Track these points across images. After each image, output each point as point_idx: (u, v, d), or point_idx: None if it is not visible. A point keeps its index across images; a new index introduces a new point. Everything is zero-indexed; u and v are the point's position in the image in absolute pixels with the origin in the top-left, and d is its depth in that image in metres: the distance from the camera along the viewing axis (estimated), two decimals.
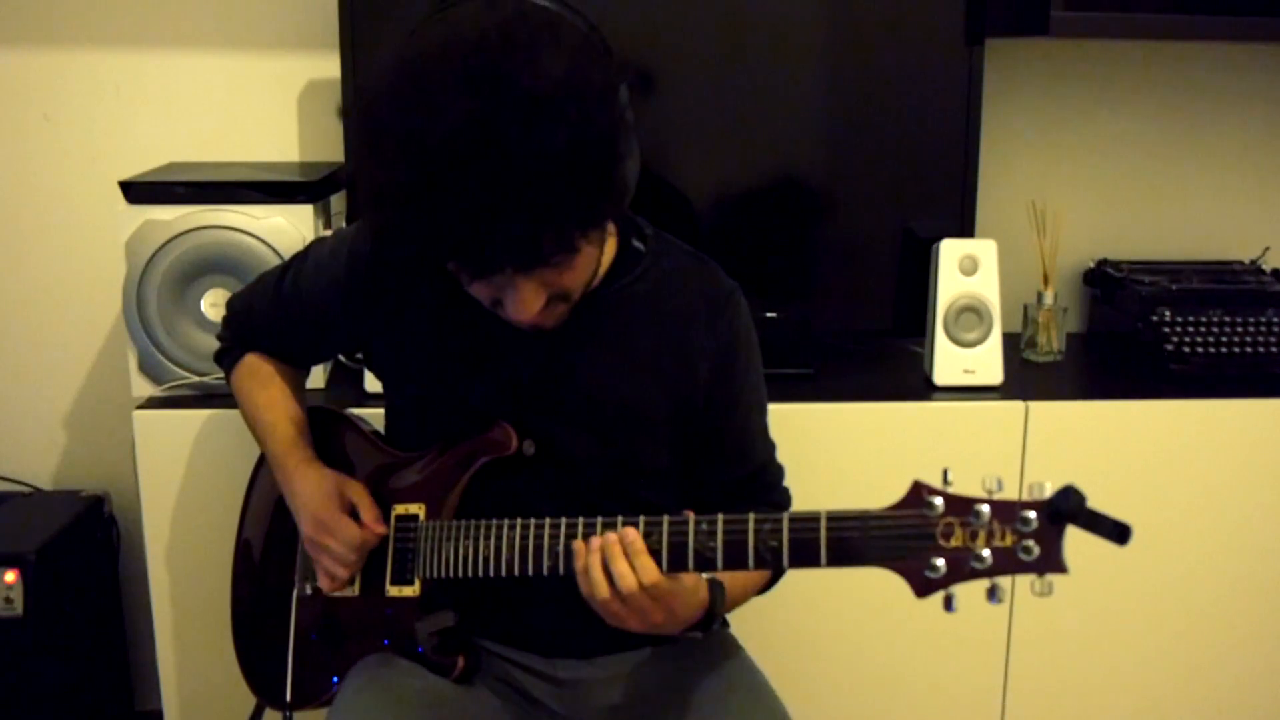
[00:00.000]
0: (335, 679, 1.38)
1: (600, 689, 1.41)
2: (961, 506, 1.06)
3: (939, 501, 1.06)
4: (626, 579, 1.14)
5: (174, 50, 2.10)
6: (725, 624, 1.49)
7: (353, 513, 1.35)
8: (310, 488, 1.37)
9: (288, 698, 1.44)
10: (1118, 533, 1.00)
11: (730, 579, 1.29)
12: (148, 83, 2.11)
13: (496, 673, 1.42)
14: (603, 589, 1.15)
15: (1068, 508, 1.01)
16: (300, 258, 1.46)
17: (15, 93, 2.10)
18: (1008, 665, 1.93)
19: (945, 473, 1.07)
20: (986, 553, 1.04)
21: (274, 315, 1.47)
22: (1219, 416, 1.88)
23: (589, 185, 1.08)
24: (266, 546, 1.52)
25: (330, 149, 2.12)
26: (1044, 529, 1.03)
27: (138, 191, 1.80)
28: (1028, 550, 1.03)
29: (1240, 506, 1.91)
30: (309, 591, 1.42)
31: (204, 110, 2.12)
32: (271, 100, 2.12)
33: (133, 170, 1.90)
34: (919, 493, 1.07)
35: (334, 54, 1.87)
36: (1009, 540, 1.04)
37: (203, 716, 1.87)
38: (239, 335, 1.52)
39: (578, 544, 1.17)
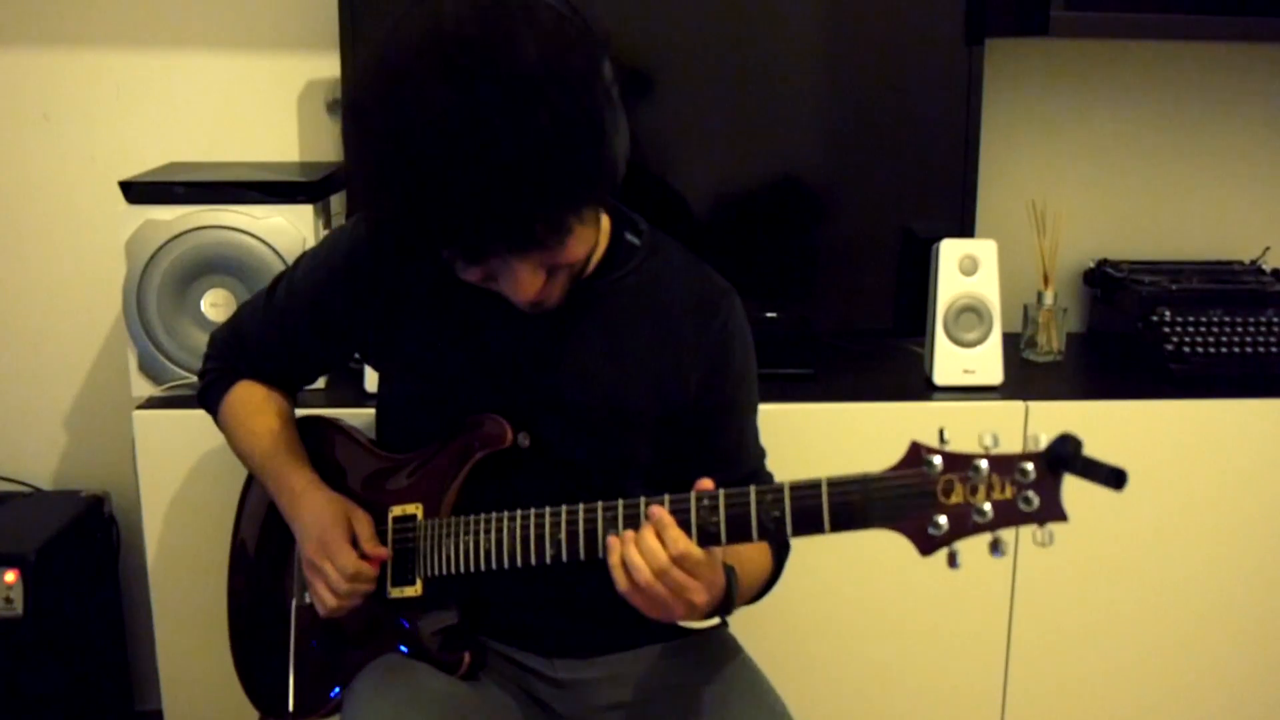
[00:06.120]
0: (337, 688, 1.38)
1: (600, 689, 1.40)
2: (960, 463, 1.07)
3: (937, 459, 1.07)
4: (658, 554, 1.13)
5: (174, 50, 2.10)
6: (725, 624, 1.49)
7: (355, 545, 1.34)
8: (317, 510, 1.35)
9: (290, 708, 1.43)
10: (1114, 478, 1.00)
11: (738, 564, 1.28)
12: (148, 83, 2.11)
13: (501, 671, 1.42)
14: (643, 572, 1.14)
15: (1064, 453, 1.02)
16: (289, 270, 1.46)
17: (15, 93, 2.10)
18: (1008, 664, 1.93)
19: (941, 431, 1.08)
20: (987, 506, 1.05)
21: (266, 330, 1.45)
22: (1219, 416, 1.88)
23: (576, 165, 1.09)
24: (261, 554, 1.52)
25: (330, 149, 2.12)
26: (1042, 478, 1.04)
27: (138, 191, 1.80)
28: (1028, 501, 1.04)
29: (1240, 506, 1.91)
30: (307, 601, 1.41)
31: (204, 110, 2.12)
32: (271, 100, 2.12)
33: (133, 170, 1.90)
34: (917, 452, 1.08)
35: (334, 54, 1.87)
36: (1009, 493, 1.05)
37: (203, 716, 1.87)
38: (226, 363, 1.49)
39: (611, 539, 1.17)
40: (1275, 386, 1.92)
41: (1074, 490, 1.99)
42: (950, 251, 1.88)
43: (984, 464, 1.05)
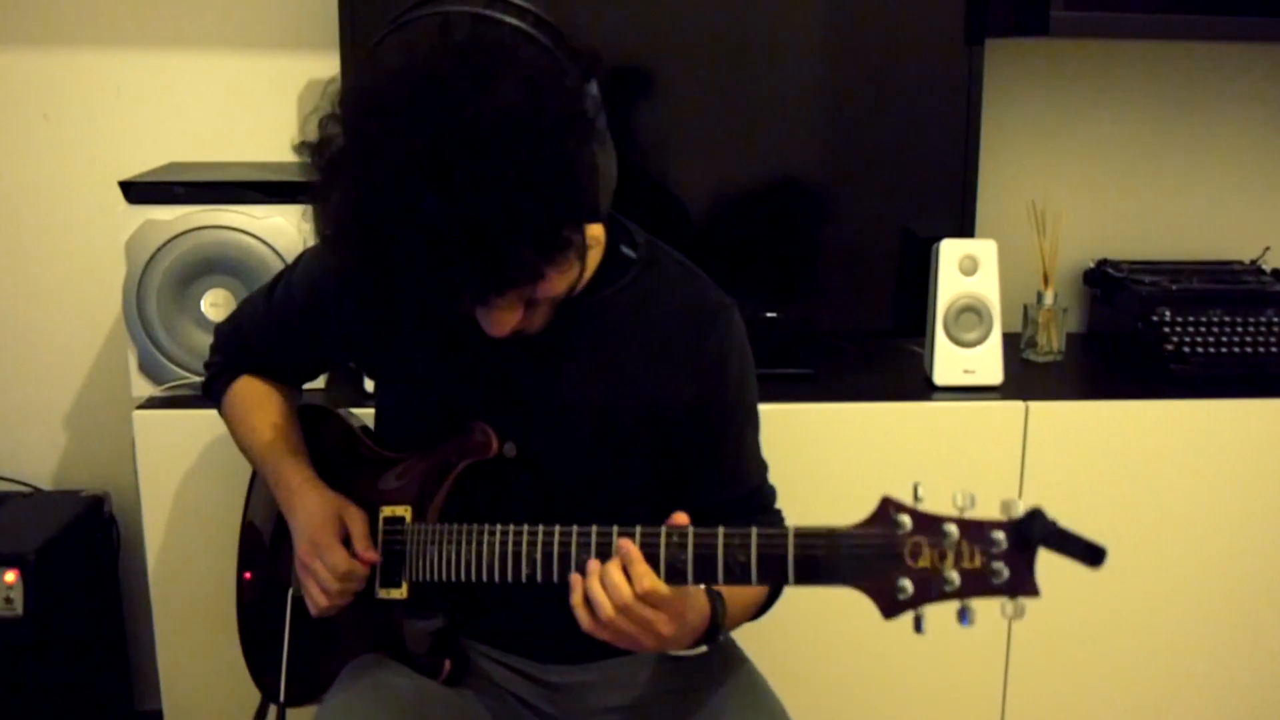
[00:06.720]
0: (330, 678, 1.38)
1: (594, 693, 1.40)
2: (929, 525, 1.02)
3: (906, 519, 1.03)
4: (621, 589, 1.12)
5: (174, 50, 2.10)
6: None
7: (347, 541, 1.33)
8: (311, 508, 1.35)
9: (281, 696, 1.44)
10: (1090, 555, 0.96)
11: (728, 593, 1.27)
12: (148, 83, 2.11)
13: (486, 675, 1.42)
14: (605, 608, 1.12)
15: (1035, 533, 0.98)
16: (289, 269, 1.47)
17: (15, 93, 2.10)
18: (1008, 665, 1.93)
19: (916, 488, 1.04)
20: (955, 574, 1.00)
21: (266, 327, 1.46)
22: (1219, 416, 1.88)
23: (547, 215, 1.05)
24: (271, 542, 1.52)
25: None
26: (1013, 551, 0.99)
27: (138, 191, 1.80)
28: (997, 573, 0.99)
29: (1240, 506, 1.91)
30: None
31: (204, 110, 2.12)
32: (271, 100, 2.12)
33: (133, 170, 1.90)
34: (887, 509, 1.04)
35: (334, 54, 1.87)
36: (977, 562, 1.00)
37: (203, 716, 1.87)
38: (229, 358, 1.50)
39: (574, 577, 1.15)
40: (1275, 386, 1.92)
41: (1074, 489, 1.97)
42: (950, 251, 1.88)
43: (954, 529, 1.01)
